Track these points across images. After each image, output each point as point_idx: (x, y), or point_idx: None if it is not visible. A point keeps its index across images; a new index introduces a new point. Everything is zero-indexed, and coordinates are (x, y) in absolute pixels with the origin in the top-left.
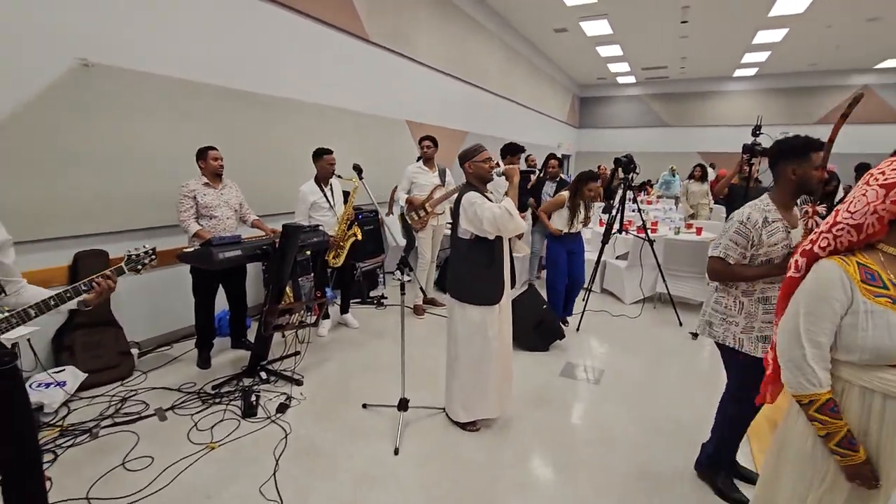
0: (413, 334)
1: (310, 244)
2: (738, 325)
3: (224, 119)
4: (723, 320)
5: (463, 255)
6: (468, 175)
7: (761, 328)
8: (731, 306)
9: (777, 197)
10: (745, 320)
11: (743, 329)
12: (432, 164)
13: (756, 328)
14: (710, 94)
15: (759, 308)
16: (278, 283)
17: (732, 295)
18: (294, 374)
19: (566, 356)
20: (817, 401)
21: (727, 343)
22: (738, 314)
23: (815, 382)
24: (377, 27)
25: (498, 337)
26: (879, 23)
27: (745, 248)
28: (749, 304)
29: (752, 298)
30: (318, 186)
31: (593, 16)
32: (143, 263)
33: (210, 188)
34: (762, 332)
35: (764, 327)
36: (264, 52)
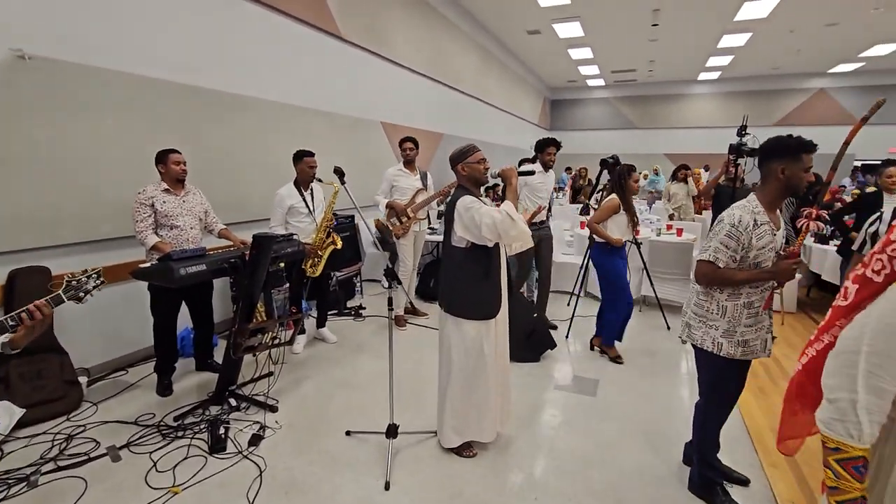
0: (395, 348)
1: (284, 255)
2: (717, 329)
3: (187, 120)
4: (702, 323)
5: (457, 265)
6: (461, 178)
7: (743, 332)
8: (713, 310)
9: (764, 197)
10: (727, 324)
11: (724, 333)
12: (413, 167)
13: (738, 332)
14: (676, 96)
15: (743, 313)
16: (249, 299)
17: (715, 299)
18: (268, 398)
19: (558, 367)
20: (846, 453)
21: (705, 347)
22: (719, 318)
23: (855, 435)
24: (351, 24)
25: (495, 353)
26: (837, 28)
27: (735, 252)
28: (733, 309)
29: (738, 303)
30: (297, 190)
31: (566, 17)
32: (86, 290)
33: (171, 195)
34: (743, 337)
35: (746, 331)
36: (231, 47)
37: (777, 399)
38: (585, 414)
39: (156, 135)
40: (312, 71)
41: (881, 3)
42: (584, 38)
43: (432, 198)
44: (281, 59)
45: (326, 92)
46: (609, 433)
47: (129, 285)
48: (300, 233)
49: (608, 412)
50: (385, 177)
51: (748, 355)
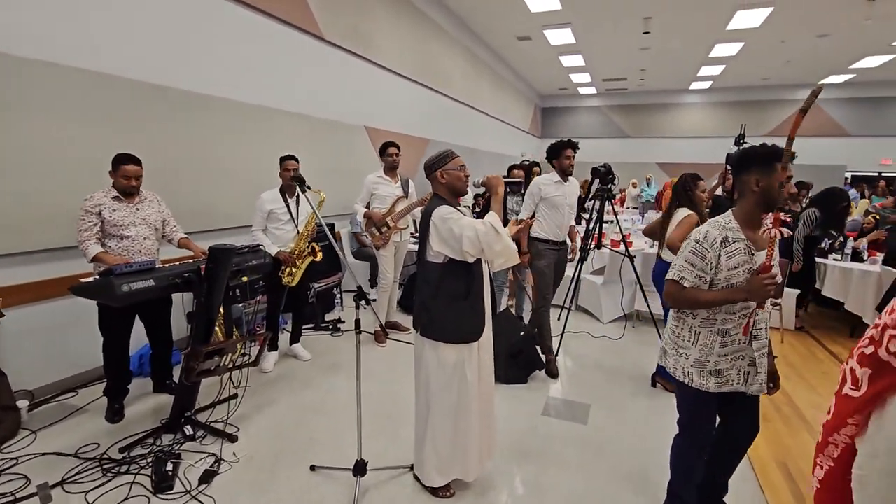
0: (372, 366)
1: (247, 268)
2: (688, 358)
3: (151, 121)
4: (674, 350)
5: (434, 283)
6: (439, 186)
7: (717, 362)
8: (685, 336)
9: (741, 213)
10: (698, 353)
11: (694, 362)
12: (395, 174)
13: (711, 362)
14: (668, 106)
15: (717, 340)
16: (205, 318)
17: (688, 325)
18: (227, 425)
19: (548, 389)
20: None
21: (676, 376)
22: (690, 346)
23: None
24: (333, 25)
25: (478, 380)
26: (828, 39)
27: (702, 271)
28: (706, 336)
29: (712, 330)
30: (281, 196)
31: (557, 24)
32: None
33: (122, 202)
34: (717, 367)
35: (720, 361)
36: (202, 45)
37: (780, 426)
38: (576, 446)
39: (114, 136)
40: (291, 72)
41: (872, 14)
42: (575, 46)
43: (413, 206)
44: (257, 58)
45: (306, 94)
46: (601, 471)
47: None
48: (279, 240)
49: (601, 445)
50: (364, 184)
51: (723, 386)
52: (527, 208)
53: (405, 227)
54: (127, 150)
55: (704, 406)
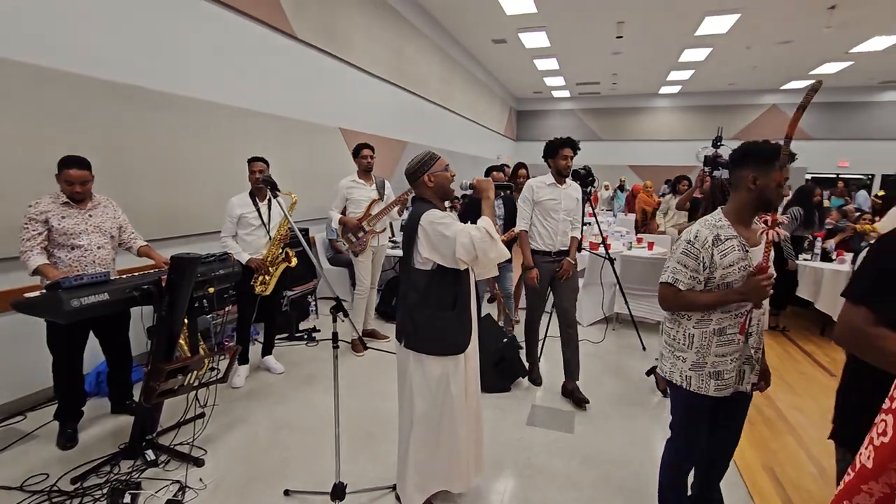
0: (350, 378)
1: (214, 278)
2: (685, 361)
3: (108, 121)
4: (671, 353)
5: (419, 291)
6: (425, 190)
7: (714, 363)
8: (681, 339)
9: (732, 210)
10: (694, 355)
11: (692, 365)
12: (370, 177)
13: (708, 363)
14: (639, 109)
15: (713, 341)
16: (167, 333)
17: (682, 327)
18: (193, 447)
19: (531, 398)
20: None
21: (673, 380)
22: (687, 348)
23: None
24: (305, 24)
25: (465, 393)
26: (790, 46)
27: (696, 272)
28: (701, 337)
29: (707, 331)
30: (251, 200)
31: (532, 27)
32: None
33: (72, 208)
34: (715, 368)
35: (717, 362)
36: (165, 41)
37: (764, 429)
38: (563, 456)
39: (66, 137)
40: (262, 71)
41: (832, 23)
42: (550, 49)
43: (388, 207)
44: (225, 55)
45: (278, 94)
46: (590, 482)
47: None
48: (249, 247)
49: (588, 454)
50: (338, 189)
51: (723, 389)
52: (522, 216)
53: (382, 231)
54: (78, 152)
55: (700, 411)
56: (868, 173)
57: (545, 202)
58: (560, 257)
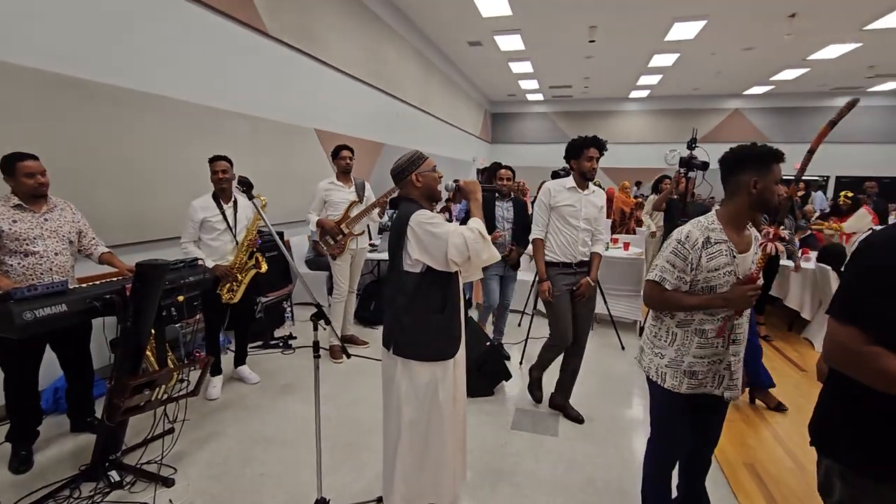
0: (329, 386)
1: (184, 285)
2: (663, 358)
3: (63, 118)
4: (650, 349)
5: (408, 295)
6: (413, 190)
7: (691, 363)
8: (662, 336)
9: (727, 214)
10: (674, 353)
11: (669, 362)
12: (348, 178)
13: (685, 363)
14: (610, 113)
15: (694, 341)
16: (133, 346)
17: (665, 325)
18: (162, 465)
19: (514, 401)
20: None
21: (650, 375)
22: (667, 345)
23: None
24: (279, 21)
25: (453, 400)
26: (752, 52)
27: (683, 272)
28: (683, 336)
29: (689, 330)
30: (215, 202)
31: (507, 30)
32: None
33: (26, 212)
34: (691, 368)
35: (695, 363)
36: (129, 35)
37: (742, 425)
38: (549, 460)
39: (19, 135)
40: (233, 69)
41: (792, 30)
42: (524, 52)
43: (368, 209)
44: (193, 52)
45: (250, 93)
46: (577, 486)
47: None
48: (214, 252)
49: (573, 458)
50: (316, 191)
51: (696, 388)
52: (538, 222)
53: (361, 233)
54: (33, 151)
55: (677, 410)
56: (823, 175)
57: (562, 208)
58: (582, 270)
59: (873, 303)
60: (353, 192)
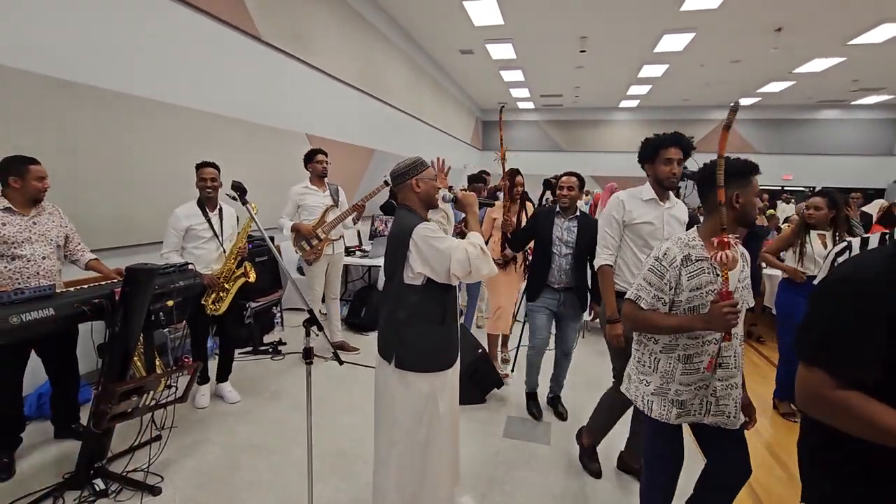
0: (316, 392)
1: (174, 290)
2: (648, 385)
3: (55, 121)
4: (636, 375)
5: (410, 309)
6: (411, 196)
7: (678, 391)
8: (646, 361)
9: (708, 231)
10: (659, 379)
11: (655, 390)
12: (323, 183)
13: (672, 391)
14: (600, 122)
15: (678, 367)
16: (121, 351)
17: (648, 349)
18: (148, 473)
19: (506, 408)
20: None
21: (637, 404)
22: (651, 371)
23: None
24: (271, 26)
25: (450, 411)
26: (740, 65)
27: (660, 291)
28: (666, 362)
29: (672, 356)
30: (200, 210)
31: (499, 39)
32: None
33: (15, 215)
34: (679, 397)
35: (682, 391)
36: (120, 39)
37: None
38: (541, 469)
39: (6, 137)
40: (224, 73)
41: (778, 44)
42: (515, 61)
43: (345, 214)
44: (184, 56)
45: (241, 97)
46: (570, 495)
47: None
48: (198, 261)
49: (567, 466)
50: (289, 196)
51: (684, 417)
52: (606, 243)
53: (338, 239)
54: (22, 154)
55: (667, 439)
56: (810, 186)
57: (640, 226)
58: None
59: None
60: (329, 197)
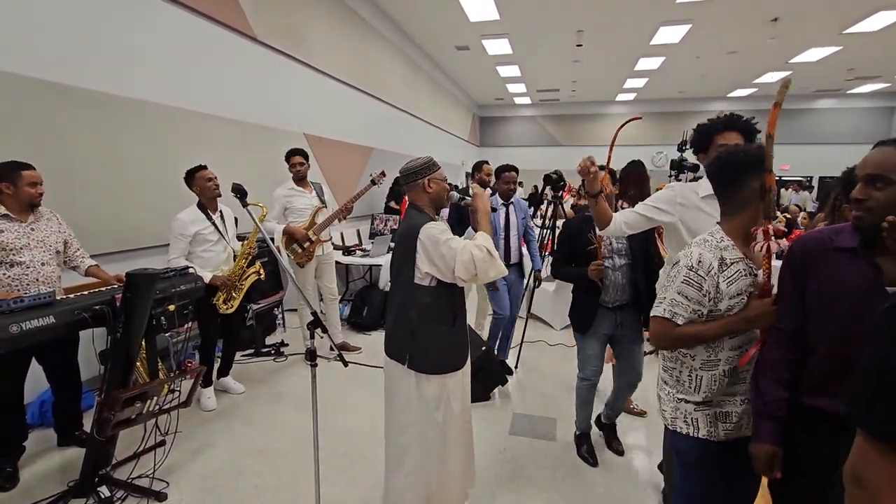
0: (321, 395)
1: (175, 294)
2: (689, 402)
3: (48, 124)
4: (672, 396)
5: (422, 310)
6: (421, 195)
7: (721, 402)
8: (686, 381)
9: (738, 228)
10: (701, 397)
11: (697, 405)
12: (307, 184)
13: (714, 402)
14: (597, 116)
15: (724, 382)
16: (123, 358)
17: (687, 366)
18: (154, 479)
19: (512, 406)
20: None
21: (677, 428)
22: (693, 392)
23: None
24: (265, 25)
25: (462, 408)
26: (736, 56)
27: (699, 305)
28: (709, 381)
29: (715, 373)
30: (203, 213)
31: (495, 34)
32: None
33: (12, 221)
34: (723, 408)
35: (725, 402)
36: (113, 39)
37: None
38: (548, 466)
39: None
40: (219, 73)
41: (774, 34)
42: (512, 56)
43: (334, 216)
44: (179, 56)
45: (237, 98)
46: (578, 492)
47: None
48: (208, 264)
49: (573, 463)
50: (275, 198)
51: (732, 433)
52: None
53: (328, 240)
54: (7, 158)
55: (716, 464)
56: (807, 176)
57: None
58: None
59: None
60: (316, 197)
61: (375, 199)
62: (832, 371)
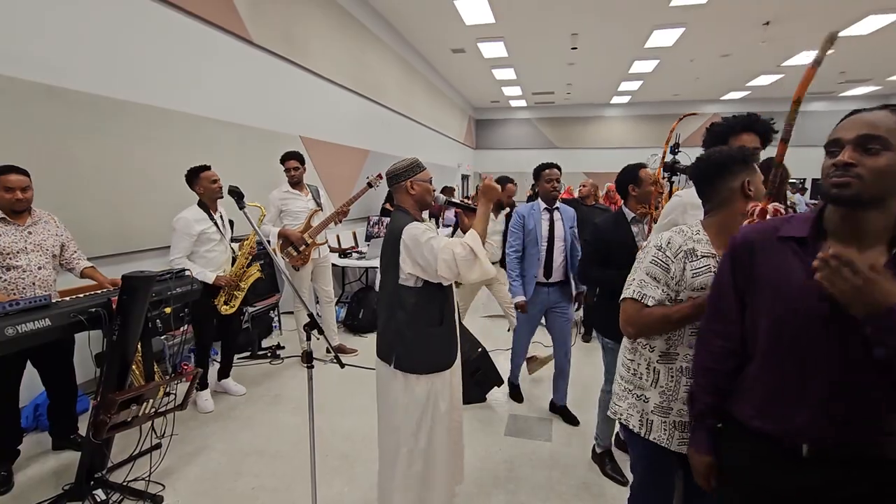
0: (317, 397)
1: (171, 297)
2: (647, 402)
3: (47, 128)
4: (628, 391)
5: (409, 310)
6: (405, 197)
7: (681, 411)
8: (643, 374)
9: (717, 225)
10: (659, 397)
11: (655, 408)
12: (303, 187)
13: (675, 410)
14: (592, 118)
15: (681, 381)
16: (119, 361)
17: (644, 358)
18: (150, 482)
19: (507, 407)
20: None
21: (630, 426)
22: (650, 386)
23: None
24: (262, 29)
25: (451, 408)
26: (729, 59)
27: (667, 287)
28: (666, 376)
29: (672, 367)
30: (205, 213)
31: (491, 38)
32: None
33: (9, 225)
34: (682, 417)
35: (685, 411)
36: (111, 43)
37: None
38: (544, 466)
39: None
40: (217, 77)
41: (767, 37)
42: (507, 59)
43: (330, 219)
44: (176, 60)
45: (234, 101)
46: (572, 492)
47: None
48: (211, 264)
49: (568, 463)
50: (270, 201)
51: (685, 444)
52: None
53: (323, 243)
54: (14, 162)
55: (662, 466)
56: (800, 178)
57: None
58: None
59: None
60: (312, 200)
61: (372, 201)
62: (758, 381)
